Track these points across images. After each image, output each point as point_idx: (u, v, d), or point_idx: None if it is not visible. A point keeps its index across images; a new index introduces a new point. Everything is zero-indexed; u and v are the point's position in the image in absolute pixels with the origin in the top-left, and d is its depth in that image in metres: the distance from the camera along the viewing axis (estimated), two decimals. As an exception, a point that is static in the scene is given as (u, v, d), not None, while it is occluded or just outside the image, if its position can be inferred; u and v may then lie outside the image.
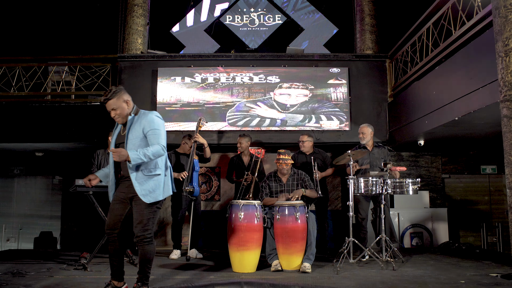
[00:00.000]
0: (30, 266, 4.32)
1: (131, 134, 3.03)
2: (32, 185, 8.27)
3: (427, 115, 5.21)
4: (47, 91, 6.84)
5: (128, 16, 7.00)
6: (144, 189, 2.94)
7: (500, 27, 3.55)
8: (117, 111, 3.05)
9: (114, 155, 2.85)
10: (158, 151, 2.95)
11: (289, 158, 4.50)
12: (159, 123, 3.05)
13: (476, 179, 7.45)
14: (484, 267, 4.24)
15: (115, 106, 3.04)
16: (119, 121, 3.12)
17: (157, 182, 3.00)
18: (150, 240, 2.97)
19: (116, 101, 3.05)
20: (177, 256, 5.01)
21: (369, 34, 7.02)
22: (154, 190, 2.97)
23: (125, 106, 3.08)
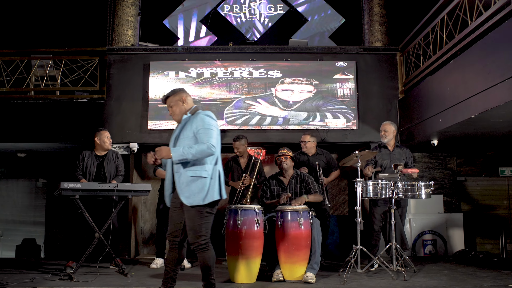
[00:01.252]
0: (11, 276, 4.32)
1: (183, 133, 3.19)
2: (14, 188, 8.27)
3: (441, 113, 5.21)
4: (30, 87, 6.85)
5: (117, 5, 6.99)
6: (187, 190, 3.05)
7: (520, 17, 3.55)
8: (173, 108, 3.29)
9: (156, 153, 3.05)
10: (203, 150, 3.03)
11: (289, 153, 4.52)
12: (210, 122, 3.15)
13: (494, 182, 7.45)
14: (503, 277, 4.24)
15: (171, 103, 3.29)
16: (175, 119, 3.34)
17: (201, 185, 3.08)
18: (205, 246, 3.08)
19: (173, 98, 3.29)
20: (157, 266, 5.00)
21: (378, 25, 7.02)
22: (196, 193, 3.06)
23: (181, 104, 3.28)
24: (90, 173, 4.91)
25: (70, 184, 4.17)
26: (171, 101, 3.30)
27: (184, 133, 3.18)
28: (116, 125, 6.32)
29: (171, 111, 3.33)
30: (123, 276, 4.34)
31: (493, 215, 7.35)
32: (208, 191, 3.08)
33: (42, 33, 8.14)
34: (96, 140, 5.00)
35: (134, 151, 6.31)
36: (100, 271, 4.44)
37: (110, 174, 4.99)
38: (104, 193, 4.37)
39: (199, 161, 3.09)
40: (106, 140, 4.99)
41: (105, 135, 5.00)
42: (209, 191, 3.09)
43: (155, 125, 6.32)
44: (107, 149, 5.03)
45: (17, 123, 6.43)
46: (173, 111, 3.30)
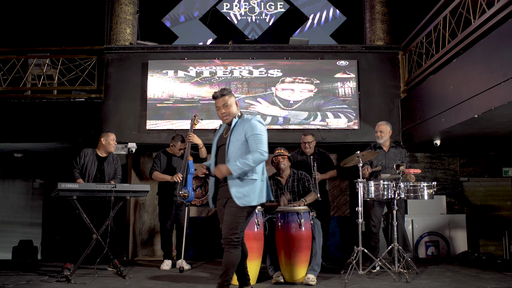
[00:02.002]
0: (8, 278, 4.32)
1: (233, 136, 3.29)
2: (11, 189, 8.26)
3: (444, 112, 5.21)
4: (27, 86, 6.85)
5: (115, 3, 6.99)
6: (239, 191, 3.16)
7: (524, 15, 3.55)
8: (228, 109, 3.35)
9: (216, 173, 3.15)
10: (259, 158, 3.19)
11: (285, 153, 4.55)
12: (261, 129, 3.31)
13: (498, 182, 7.45)
14: (507, 279, 4.24)
15: (228, 102, 3.34)
16: (227, 119, 3.38)
17: (252, 187, 3.22)
18: (237, 244, 3.17)
19: (229, 99, 3.35)
20: (168, 267, 5.02)
21: (380, 24, 7.01)
22: (248, 194, 3.19)
23: (235, 107, 3.39)
24: (89, 173, 4.89)
25: (68, 185, 4.17)
26: (228, 101, 3.35)
27: (235, 136, 3.28)
28: (114, 125, 6.32)
29: (225, 111, 3.35)
30: (121, 278, 4.34)
31: (497, 216, 7.35)
32: (258, 193, 3.24)
33: (39, 32, 8.14)
34: (102, 141, 4.99)
35: (133, 151, 6.31)
36: (98, 273, 4.45)
37: (109, 176, 4.99)
38: (102, 194, 4.37)
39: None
40: (112, 142, 5.00)
41: (112, 137, 5.01)
42: (260, 193, 3.25)
43: (154, 125, 6.31)
44: (110, 151, 5.03)
45: (14, 123, 6.43)
46: (228, 112, 3.35)
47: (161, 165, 5.23)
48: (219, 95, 3.35)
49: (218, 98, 3.35)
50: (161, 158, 5.26)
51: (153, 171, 5.20)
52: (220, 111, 3.37)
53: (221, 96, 3.34)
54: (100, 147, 5.02)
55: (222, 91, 3.37)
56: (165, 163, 5.23)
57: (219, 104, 3.35)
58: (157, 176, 5.18)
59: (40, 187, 8.14)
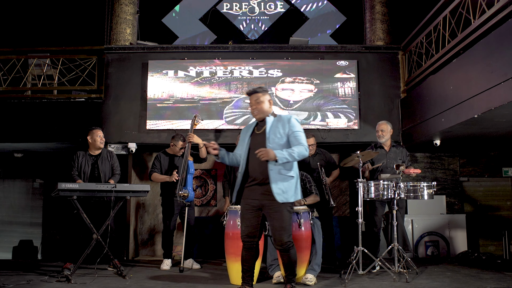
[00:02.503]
0: (8, 278, 4.32)
1: (272, 134, 3.34)
2: (11, 189, 8.27)
3: (444, 113, 5.21)
4: (27, 86, 6.85)
5: (115, 3, 6.99)
6: (279, 188, 3.22)
7: (524, 15, 3.55)
8: (261, 106, 3.40)
9: (263, 154, 3.13)
10: (302, 152, 3.27)
11: None
12: (300, 127, 3.41)
13: (498, 182, 7.45)
14: (507, 279, 4.24)
15: (261, 99, 3.40)
16: (258, 116, 3.44)
17: (290, 184, 3.30)
18: (293, 244, 3.34)
19: (262, 96, 3.41)
20: (168, 267, 5.02)
21: (380, 24, 7.01)
22: (286, 191, 3.26)
23: (268, 105, 3.44)
24: (84, 173, 4.91)
25: (68, 185, 4.17)
26: (260, 97, 3.40)
27: (274, 134, 3.32)
28: (114, 125, 6.32)
29: (257, 107, 3.40)
30: (121, 278, 4.34)
31: (496, 216, 7.35)
32: (295, 190, 3.31)
33: (39, 32, 8.14)
34: (89, 139, 5.01)
35: (133, 151, 6.31)
36: (98, 273, 4.45)
37: (104, 174, 4.98)
38: (102, 194, 4.37)
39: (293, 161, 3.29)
40: (98, 138, 4.98)
41: (97, 133, 5.00)
42: (296, 190, 3.35)
43: (154, 125, 6.32)
44: (99, 147, 5.02)
45: (14, 123, 6.43)
46: (260, 108, 3.40)
47: (162, 165, 5.22)
48: (252, 92, 3.43)
49: (251, 95, 3.43)
50: (161, 159, 5.25)
51: (152, 173, 5.19)
52: (252, 107, 3.44)
53: (254, 93, 3.41)
54: (90, 145, 5.03)
55: (256, 88, 3.45)
56: (166, 163, 5.23)
57: (252, 100, 3.42)
58: (156, 178, 5.18)
59: (40, 187, 8.14)
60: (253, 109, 3.44)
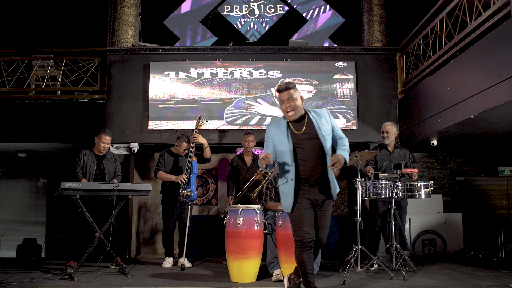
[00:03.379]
0: (12, 275, 4.33)
1: (323, 131, 3.11)
2: (15, 188, 8.27)
3: (441, 113, 5.21)
4: (31, 87, 6.85)
5: (118, 6, 6.99)
6: (335, 186, 3.15)
7: (519, 18, 3.55)
8: (293, 103, 3.10)
9: (337, 165, 2.95)
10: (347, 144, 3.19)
11: None
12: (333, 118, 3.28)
13: (494, 181, 7.46)
14: (502, 277, 4.25)
15: (294, 96, 3.11)
16: (291, 114, 3.12)
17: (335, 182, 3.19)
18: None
19: (294, 93, 3.13)
20: (170, 265, 5.02)
21: (377, 26, 7.02)
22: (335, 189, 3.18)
23: (299, 100, 3.15)
24: (90, 172, 4.90)
25: (71, 184, 4.18)
26: (293, 94, 3.12)
27: (324, 131, 3.12)
28: (116, 125, 6.32)
29: (289, 105, 3.11)
30: (124, 276, 4.34)
31: (493, 215, 7.36)
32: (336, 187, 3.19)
33: (42, 34, 8.14)
34: (95, 140, 5.01)
35: (135, 151, 6.31)
36: (101, 271, 4.45)
37: (109, 174, 4.99)
38: (104, 193, 4.37)
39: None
40: (101, 144, 4.94)
41: (103, 139, 4.94)
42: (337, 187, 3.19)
43: (156, 125, 6.32)
44: (101, 152, 5.01)
45: (18, 123, 6.43)
46: (293, 105, 3.10)
47: (166, 164, 5.21)
48: (284, 88, 3.12)
49: (283, 91, 3.12)
50: (166, 158, 5.25)
51: (158, 171, 5.19)
52: (285, 105, 3.12)
53: (286, 90, 3.11)
54: (96, 146, 5.03)
55: (287, 84, 3.15)
56: (171, 162, 5.22)
57: (284, 98, 3.11)
58: (161, 176, 5.17)
59: (43, 186, 8.15)
60: (287, 107, 3.11)
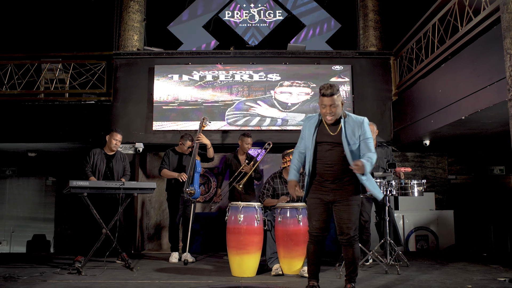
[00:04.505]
0: (22, 270, 4.32)
1: (349, 138, 3.04)
2: (25, 186, 8.27)
3: (433, 114, 5.20)
4: (40, 90, 6.84)
5: (124, 12, 6.99)
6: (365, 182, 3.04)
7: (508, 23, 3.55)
8: (334, 109, 3.02)
9: (358, 168, 2.89)
10: (374, 161, 3.04)
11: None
12: (370, 132, 3.13)
13: (484, 180, 7.45)
14: (492, 271, 4.24)
15: (336, 102, 3.02)
16: (331, 119, 3.06)
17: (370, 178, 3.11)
18: (358, 238, 3.13)
19: (337, 98, 3.03)
20: (177, 259, 5.03)
21: (372, 31, 7.02)
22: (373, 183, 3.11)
23: (341, 107, 3.07)
24: (99, 171, 4.91)
25: (79, 182, 4.18)
26: (336, 100, 3.01)
27: (349, 136, 3.04)
28: (122, 126, 6.31)
29: (331, 111, 3.02)
30: (129, 270, 4.34)
31: (483, 212, 7.35)
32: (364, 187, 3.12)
33: (51, 38, 8.14)
34: (107, 138, 5.02)
35: (140, 150, 6.31)
36: (107, 266, 4.45)
37: (117, 173, 4.99)
38: (111, 191, 4.37)
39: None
40: (113, 141, 4.98)
41: (115, 137, 4.97)
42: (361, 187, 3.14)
43: (160, 126, 6.31)
44: (112, 150, 5.02)
45: (28, 124, 6.43)
46: (335, 112, 3.02)
47: (170, 162, 5.22)
48: (329, 94, 2.99)
49: (328, 97, 2.99)
50: (170, 156, 5.25)
51: (162, 169, 5.20)
52: (326, 110, 3.03)
53: (330, 96, 2.98)
54: (107, 145, 5.03)
55: (332, 89, 3.00)
56: (175, 161, 5.23)
57: (327, 103, 3.01)
58: (165, 173, 5.18)
59: (52, 184, 8.15)
60: (328, 112, 3.03)
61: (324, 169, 3.09)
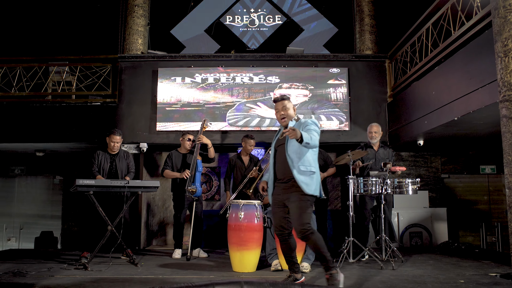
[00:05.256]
0: (30, 265, 4.32)
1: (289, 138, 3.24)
2: (33, 185, 8.27)
3: (427, 115, 5.20)
4: (48, 91, 6.85)
5: (128, 16, 7.00)
6: (302, 180, 3.18)
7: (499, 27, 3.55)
8: (286, 111, 3.31)
9: (291, 133, 2.95)
10: (316, 138, 3.16)
11: None
12: (315, 125, 3.26)
13: (476, 179, 7.45)
14: (484, 267, 4.24)
15: (287, 106, 3.32)
16: (285, 122, 3.33)
17: (311, 178, 3.24)
18: (312, 230, 3.17)
19: (288, 103, 3.33)
20: (179, 255, 5.02)
21: (368, 35, 7.02)
22: (309, 183, 3.21)
23: (292, 110, 3.34)
24: (104, 170, 4.91)
25: (85, 181, 4.18)
26: (287, 104, 3.31)
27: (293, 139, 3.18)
28: (127, 127, 6.32)
29: (283, 114, 3.31)
30: (134, 266, 4.34)
31: (475, 210, 7.36)
32: (317, 184, 3.25)
33: (59, 42, 8.14)
34: (107, 140, 5.03)
35: (144, 150, 6.31)
36: (113, 261, 4.45)
37: (121, 171, 4.99)
38: (116, 189, 4.37)
39: (307, 159, 3.23)
40: (111, 143, 4.95)
41: (114, 139, 4.94)
42: (317, 185, 3.26)
43: (163, 127, 6.31)
44: (113, 151, 5.02)
45: (36, 125, 6.44)
46: (286, 114, 3.31)
47: (174, 163, 5.22)
48: (279, 98, 3.34)
49: (278, 101, 3.34)
50: (173, 157, 5.25)
51: (164, 170, 5.19)
52: (279, 113, 3.34)
53: (281, 100, 3.33)
54: (108, 146, 5.04)
55: (283, 95, 3.37)
56: (178, 161, 5.23)
57: (279, 107, 3.33)
58: (168, 174, 5.18)
59: (60, 183, 8.15)
60: (280, 115, 3.33)
61: (278, 170, 3.33)
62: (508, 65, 3.51)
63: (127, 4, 7.05)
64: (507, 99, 3.51)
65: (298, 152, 3.24)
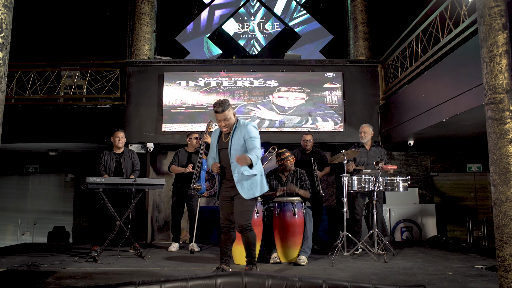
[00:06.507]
0: (44, 258, 4.32)
1: (234, 141, 3.32)
2: (46, 182, 8.27)
3: (417, 117, 5.20)
4: (60, 95, 6.85)
5: (136, 24, 6.99)
6: (244, 187, 3.25)
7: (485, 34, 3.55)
8: (227, 122, 3.31)
9: (241, 161, 3.09)
10: (259, 145, 3.30)
11: (291, 155, 4.52)
12: (256, 132, 3.35)
13: (463, 177, 7.45)
14: (470, 260, 4.24)
15: (228, 116, 3.30)
16: (226, 130, 3.36)
17: (254, 181, 3.29)
18: (250, 227, 3.31)
19: (228, 113, 3.30)
20: (175, 249, 5.00)
21: (362, 41, 7.01)
22: (251, 188, 3.27)
23: (232, 118, 3.35)
24: (109, 168, 4.91)
25: (95, 179, 4.17)
26: (227, 115, 3.28)
27: (235, 140, 3.30)
28: (134, 128, 6.32)
29: (224, 124, 3.30)
30: (141, 259, 4.34)
31: (462, 206, 7.36)
32: (260, 186, 3.32)
33: (70, 48, 8.15)
34: (111, 139, 5.03)
35: (150, 150, 6.31)
36: (121, 254, 4.45)
37: (126, 169, 4.98)
38: (124, 187, 4.37)
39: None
40: (116, 139, 4.98)
41: (118, 134, 4.99)
42: (260, 185, 3.33)
43: (169, 128, 6.31)
44: (118, 147, 5.02)
45: (49, 126, 6.44)
46: (227, 124, 3.31)
47: (180, 160, 5.22)
48: (220, 111, 3.26)
49: (220, 114, 3.27)
50: (180, 155, 5.25)
51: (171, 165, 5.21)
52: (221, 124, 3.33)
53: (222, 112, 3.27)
54: (113, 145, 5.04)
55: (223, 106, 3.26)
56: (184, 159, 5.22)
57: (220, 118, 3.29)
58: (174, 169, 5.19)
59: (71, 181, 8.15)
60: (222, 126, 3.32)
61: (224, 170, 3.38)
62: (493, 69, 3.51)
63: (135, 12, 7.05)
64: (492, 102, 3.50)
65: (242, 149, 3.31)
